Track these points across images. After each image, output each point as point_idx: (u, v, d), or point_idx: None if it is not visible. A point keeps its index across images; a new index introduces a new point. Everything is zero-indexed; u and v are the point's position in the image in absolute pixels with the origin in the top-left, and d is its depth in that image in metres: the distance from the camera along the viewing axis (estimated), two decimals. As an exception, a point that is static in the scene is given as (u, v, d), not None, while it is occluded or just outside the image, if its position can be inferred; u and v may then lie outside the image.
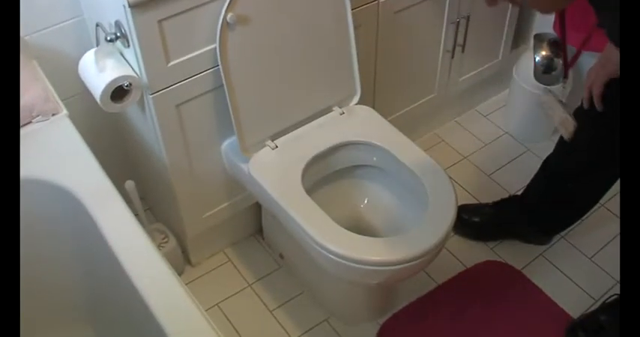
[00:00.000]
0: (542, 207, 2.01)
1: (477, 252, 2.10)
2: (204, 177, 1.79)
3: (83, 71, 1.54)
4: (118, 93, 1.50)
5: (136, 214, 1.39)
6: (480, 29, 2.18)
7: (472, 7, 2.07)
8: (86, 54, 1.54)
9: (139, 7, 1.35)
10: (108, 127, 1.89)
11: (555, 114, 1.80)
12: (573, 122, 1.72)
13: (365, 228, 1.82)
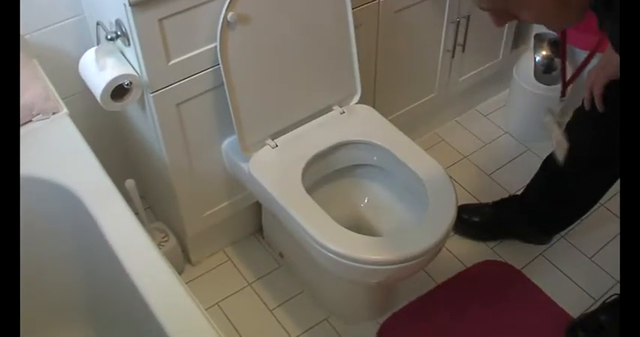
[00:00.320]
0: (542, 207, 2.01)
1: (477, 252, 2.10)
2: (204, 176, 1.79)
3: (83, 70, 1.54)
4: (119, 91, 1.50)
5: (136, 213, 1.39)
6: (481, 29, 2.18)
7: (472, 7, 2.07)
8: (86, 52, 1.54)
9: (140, 6, 1.35)
10: (108, 126, 1.89)
11: (553, 134, 1.79)
12: (567, 144, 1.72)
13: (365, 228, 1.82)
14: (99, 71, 1.49)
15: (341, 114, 1.80)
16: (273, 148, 1.71)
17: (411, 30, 2.00)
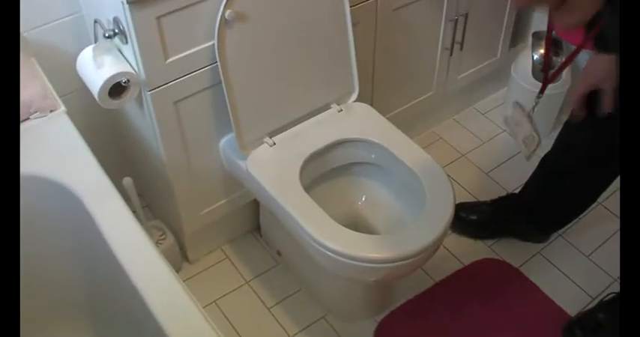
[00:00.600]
0: (540, 205, 2.01)
1: (475, 250, 2.10)
2: (202, 174, 1.79)
3: (81, 68, 1.54)
4: (116, 89, 1.50)
5: (134, 211, 1.39)
6: (479, 27, 2.18)
7: (470, 5, 2.07)
8: (84, 50, 1.53)
9: (138, 4, 1.35)
10: (106, 124, 1.89)
11: (521, 130, 1.76)
12: (538, 139, 1.70)
13: (363, 226, 1.83)
14: (96, 69, 1.49)
15: (339, 112, 1.80)
16: (270, 146, 1.71)
17: (409, 28, 2.00)
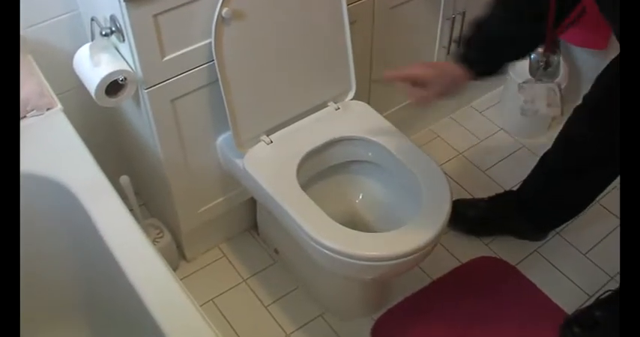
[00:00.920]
0: (538, 203, 2.01)
1: (472, 248, 2.10)
2: (199, 172, 1.79)
3: (78, 65, 1.54)
4: (113, 87, 1.50)
5: (131, 209, 1.39)
6: (476, 25, 2.18)
7: (467, 4, 2.07)
8: (81, 48, 1.53)
9: (134, 2, 1.35)
10: (103, 122, 1.89)
11: (539, 100, 1.72)
12: (559, 91, 1.65)
13: (360, 224, 1.82)
14: (93, 67, 1.49)
15: (336, 110, 1.80)
16: (267, 144, 1.71)
17: (407, 26, 2.00)
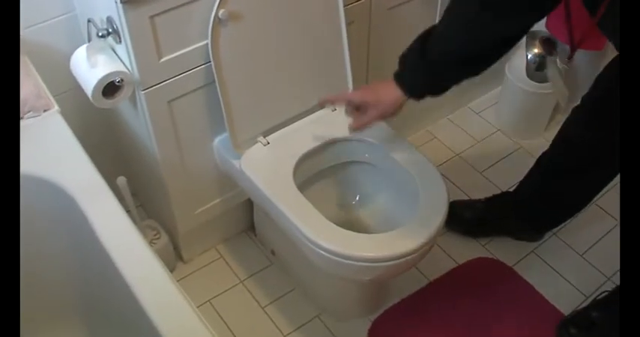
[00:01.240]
0: (535, 204, 2.01)
1: (469, 249, 2.10)
2: (196, 174, 1.79)
3: (75, 67, 1.54)
4: (110, 89, 1.50)
5: (128, 210, 1.39)
6: (473, 26, 2.18)
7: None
8: (78, 50, 1.53)
9: (131, 3, 1.35)
10: (99, 123, 1.89)
11: (555, 81, 1.76)
12: (566, 93, 1.70)
13: (357, 225, 1.83)
14: (90, 68, 1.48)
15: (332, 111, 1.80)
16: (264, 145, 1.71)
17: (404, 27, 1.99)
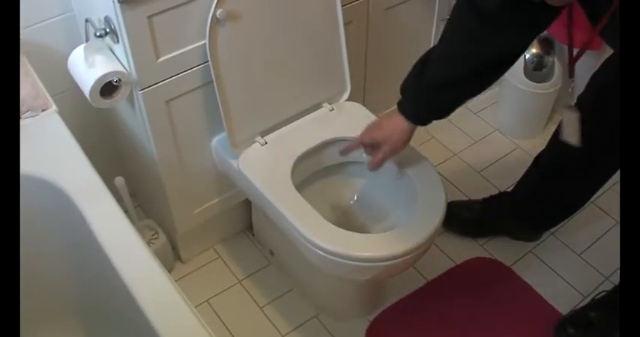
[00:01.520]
0: (532, 204, 2.01)
1: (467, 249, 2.10)
2: (194, 174, 1.79)
3: (72, 67, 1.54)
4: (108, 89, 1.50)
5: (126, 210, 1.39)
6: (471, 26, 2.18)
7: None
8: (75, 50, 1.53)
9: (128, 3, 1.35)
10: (97, 123, 1.89)
11: (570, 130, 1.74)
12: (578, 143, 1.69)
13: (354, 225, 1.83)
14: (88, 68, 1.48)
15: (330, 111, 1.80)
16: (262, 145, 1.71)
17: (401, 27, 2.00)
